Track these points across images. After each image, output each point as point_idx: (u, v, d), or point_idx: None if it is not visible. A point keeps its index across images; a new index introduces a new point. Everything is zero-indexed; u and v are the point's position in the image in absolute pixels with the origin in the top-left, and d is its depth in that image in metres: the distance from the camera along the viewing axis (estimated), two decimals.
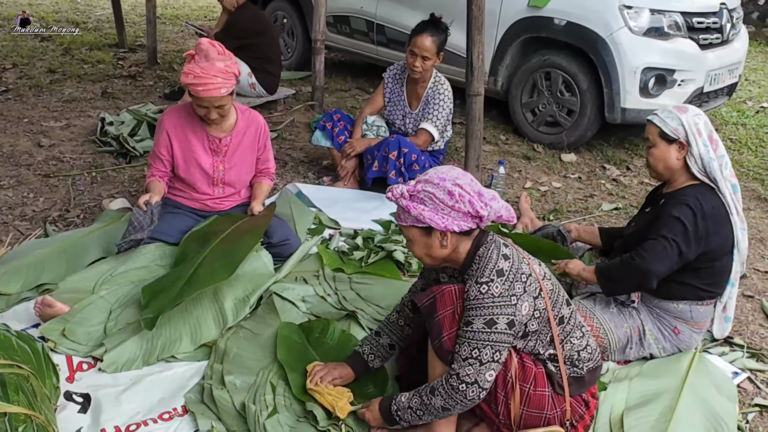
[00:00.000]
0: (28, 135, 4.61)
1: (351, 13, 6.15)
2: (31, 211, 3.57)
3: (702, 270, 2.53)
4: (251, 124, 3.19)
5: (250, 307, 2.76)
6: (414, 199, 1.99)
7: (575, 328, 2.12)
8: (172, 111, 3.15)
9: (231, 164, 3.15)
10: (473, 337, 1.93)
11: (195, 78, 2.81)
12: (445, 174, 1.99)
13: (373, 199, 3.94)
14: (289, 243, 3.18)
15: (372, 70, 6.68)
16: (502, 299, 1.93)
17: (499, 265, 1.97)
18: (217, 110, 2.93)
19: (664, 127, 2.52)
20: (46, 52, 6.84)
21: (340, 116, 4.17)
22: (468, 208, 1.95)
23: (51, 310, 2.58)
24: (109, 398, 2.29)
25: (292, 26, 6.80)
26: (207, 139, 3.10)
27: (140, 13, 8.95)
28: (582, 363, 2.11)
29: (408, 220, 2.01)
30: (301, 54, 6.81)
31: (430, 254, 2.06)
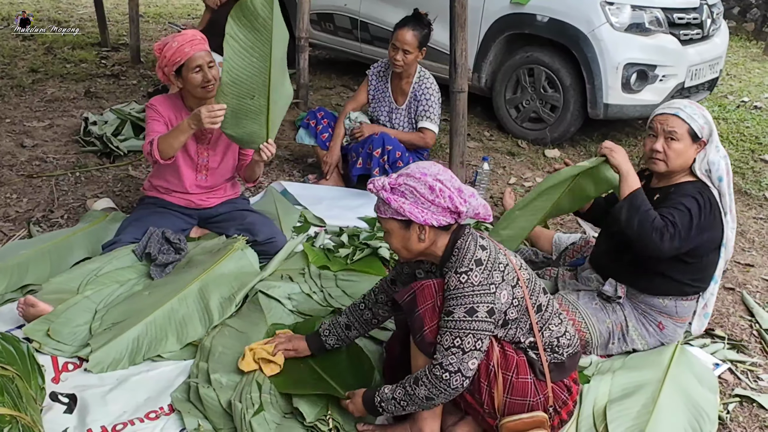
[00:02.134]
0: (11, 135, 4.58)
1: (335, 10, 6.15)
2: (14, 212, 3.55)
3: (690, 265, 2.54)
4: None
5: (235, 305, 2.77)
6: (395, 192, 2.01)
7: (553, 315, 2.16)
8: (159, 97, 3.15)
9: (215, 151, 3.18)
10: (455, 327, 1.96)
11: (178, 41, 2.89)
12: (427, 169, 2.02)
13: (358, 196, 3.95)
14: (274, 241, 3.18)
15: (356, 67, 6.69)
16: (481, 288, 1.97)
17: (477, 254, 2.00)
18: (210, 69, 2.95)
19: (693, 124, 2.47)
20: (28, 51, 6.79)
21: (323, 114, 4.17)
22: (447, 204, 1.98)
23: (34, 310, 2.57)
24: (95, 398, 2.29)
25: None
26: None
27: (123, 11, 8.90)
28: (562, 349, 2.15)
29: (387, 212, 2.04)
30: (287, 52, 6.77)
31: (407, 247, 2.08)
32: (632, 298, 2.66)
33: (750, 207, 4.31)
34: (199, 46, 2.92)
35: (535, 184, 4.43)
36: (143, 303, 2.72)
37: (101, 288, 2.79)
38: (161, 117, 3.06)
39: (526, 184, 4.41)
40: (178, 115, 3.09)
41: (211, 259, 2.99)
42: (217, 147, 3.18)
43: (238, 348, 2.51)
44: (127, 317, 2.63)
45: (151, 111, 3.08)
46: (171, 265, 2.98)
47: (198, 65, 2.92)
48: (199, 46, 2.92)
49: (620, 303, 2.65)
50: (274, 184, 4.04)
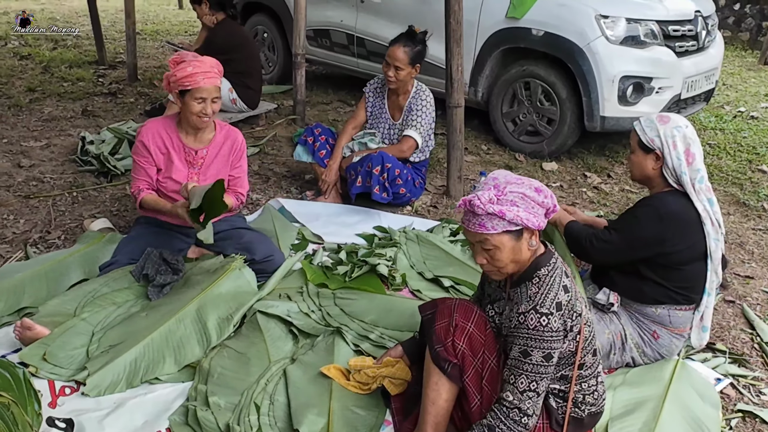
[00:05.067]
0: (8, 155, 4.58)
1: (331, 26, 6.18)
2: (11, 234, 3.54)
3: (672, 272, 2.56)
4: (228, 139, 3.20)
5: (234, 325, 2.75)
6: (504, 203, 1.92)
7: (592, 376, 2.10)
8: (150, 122, 3.16)
9: (206, 176, 3.16)
10: (532, 370, 1.92)
11: (195, 68, 2.89)
12: (510, 174, 1.99)
13: (356, 213, 3.94)
14: (272, 259, 3.17)
15: (353, 82, 6.71)
16: (557, 334, 1.92)
17: (560, 297, 1.94)
18: (213, 104, 2.97)
19: (643, 136, 2.57)
20: (26, 70, 6.81)
21: (321, 130, 4.17)
22: (550, 203, 1.96)
23: (31, 333, 2.55)
24: (92, 422, 2.27)
25: (272, 40, 6.82)
26: (184, 151, 3.12)
27: (119, 29, 8.94)
28: (585, 406, 2.11)
29: (498, 226, 1.92)
30: (283, 68, 6.82)
31: (517, 259, 1.99)
32: (626, 307, 2.67)
33: (748, 218, 4.31)
34: (212, 80, 2.92)
35: None
36: (140, 325, 2.70)
37: (98, 310, 2.78)
38: (148, 155, 3.06)
39: None
40: (168, 140, 3.10)
41: (208, 279, 2.97)
42: (207, 172, 3.16)
43: (237, 369, 2.50)
44: (124, 339, 2.62)
45: (139, 147, 3.08)
46: (168, 285, 2.97)
47: (202, 97, 2.93)
48: (212, 80, 2.92)
49: (616, 312, 2.66)
50: (271, 201, 4.03)
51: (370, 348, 2.66)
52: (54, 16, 9.81)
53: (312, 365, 2.52)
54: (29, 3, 10.87)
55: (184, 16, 10.75)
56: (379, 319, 2.83)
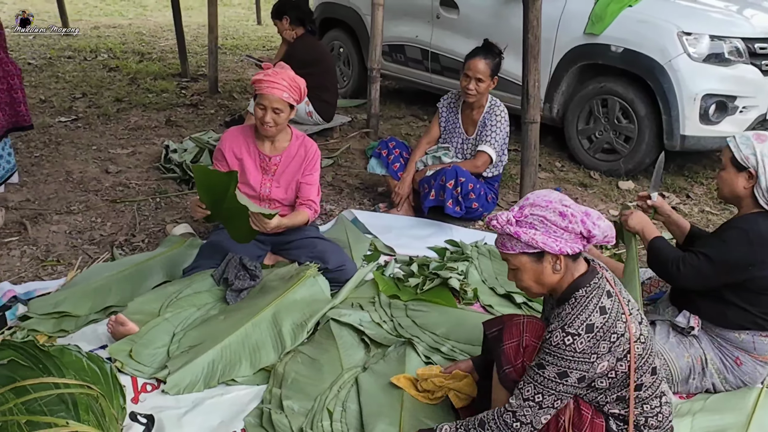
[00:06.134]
0: (97, 162, 4.81)
1: (406, 42, 6.24)
2: (99, 236, 3.72)
3: (758, 297, 2.46)
4: (302, 149, 3.27)
5: (307, 332, 2.81)
6: (522, 225, 1.93)
7: (653, 397, 2.02)
8: (231, 129, 3.33)
9: (279, 183, 3.25)
10: (541, 382, 1.90)
11: (266, 76, 3.01)
12: (548, 196, 1.95)
13: (428, 226, 3.96)
14: (345, 269, 3.22)
15: (425, 97, 6.75)
16: (582, 356, 1.86)
17: (592, 318, 1.88)
18: (273, 115, 3.05)
19: (737, 152, 2.46)
20: (114, 81, 7.14)
21: (395, 144, 4.22)
22: (580, 228, 1.90)
23: (123, 328, 2.68)
24: (172, 420, 2.35)
25: (348, 55, 6.94)
26: (259, 157, 3.23)
27: (202, 43, 9.27)
28: (648, 429, 2.04)
29: (516, 247, 1.95)
30: (357, 82, 6.94)
31: (540, 281, 2.00)
32: (708, 331, 2.58)
33: None
34: (275, 90, 3.00)
35: (608, 216, 4.34)
36: (219, 327, 2.79)
37: (180, 311, 2.88)
38: (223, 160, 3.23)
39: None
40: (245, 146, 3.23)
41: (283, 285, 3.05)
42: (281, 179, 3.25)
43: (311, 374, 2.54)
44: (203, 341, 2.71)
45: (217, 152, 3.27)
46: (246, 290, 3.05)
47: (263, 104, 3.03)
48: (275, 90, 3.00)
49: (696, 336, 2.57)
50: (344, 212, 4.10)
51: (440, 360, 2.67)
52: (141, 31, 10.25)
53: (383, 374, 2.55)
54: (118, 19, 11.41)
55: (262, 32, 11.05)
56: (450, 332, 2.83)
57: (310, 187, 3.26)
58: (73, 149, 5.01)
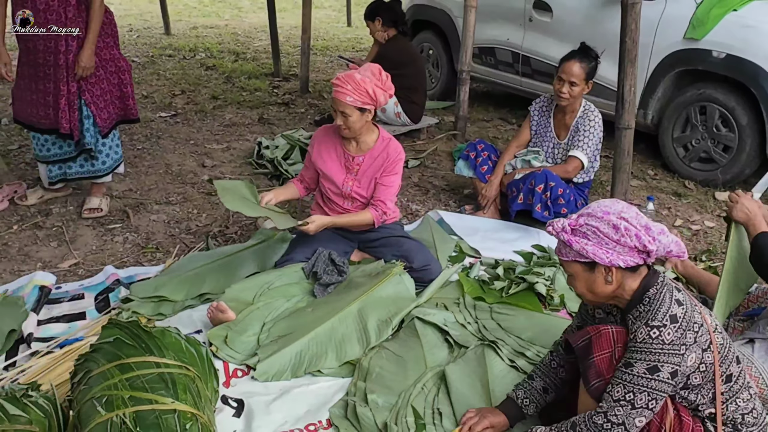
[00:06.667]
0: (194, 156, 5.02)
1: (497, 44, 6.21)
2: (195, 226, 3.88)
3: None
4: (386, 150, 3.29)
5: (392, 328, 2.84)
6: (576, 233, 1.95)
7: (743, 388, 1.98)
8: (324, 127, 3.45)
9: (359, 183, 3.30)
10: (631, 381, 1.86)
11: (337, 79, 3.10)
12: (609, 207, 1.94)
13: (515, 230, 3.93)
14: (429, 268, 3.24)
15: (514, 100, 6.69)
16: (671, 347, 1.84)
17: (673, 310, 1.88)
18: (342, 117, 3.12)
19: None
20: (210, 80, 7.41)
21: (483, 146, 4.21)
22: (635, 243, 1.89)
23: (222, 315, 2.80)
24: (260, 405, 2.44)
25: (437, 57, 6.96)
26: (343, 156, 3.30)
27: (294, 44, 9.49)
28: (746, 428, 1.97)
29: (570, 254, 1.98)
30: (445, 84, 6.95)
31: (593, 291, 2.00)
32: None
33: None
34: (341, 95, 3.06)
35: (703, 227, 4.19)
36: (307, 319, 2.86)
37: (271, 301, 2.98)
38: (313, 142, 3.39)
39: (693, 228, 4.18)
40: (330, 139, 3.34)
41: (369, 282, 3.10)
42: (362, 178, 3.31)
43: (395, 370, 2.58)
44: (291, 331, 2.79)
45: (310, 147, 3.41)
46: (333, 285, 3.12)
47: (335, 108, 3.13)
48: (341, 95, 3.06)
49: None
50: (430, 213, 4.12)
51: (525, 365, 2.65)
52: (236, 32, 10.59)
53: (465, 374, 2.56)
54: (215, 20, 11.83)
55: (352, 34, 11.21)
56: (536, 337, 2.81)
57: (384, 189, 3.27)
58: (173, 143, 5.25)
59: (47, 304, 3.01)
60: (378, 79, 3.13)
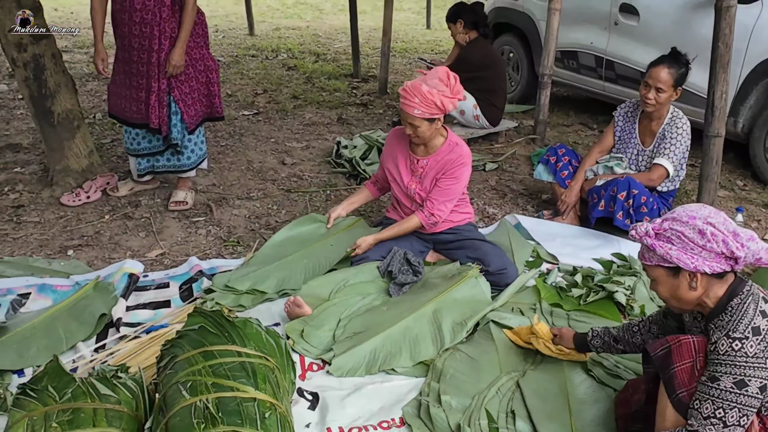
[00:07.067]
0: (274, 153, 5.14)
1: (580, 48, 6.09)
2: (274, 221, 3.98)
3: None
4: (451, 154, 3.25)
5: (467, 331, 2.83)
6: (660, 238, 1.93)
7: None
8: (395, 129, 3.49)
9: (422, 186, 3.30)
10: (719, 396, 1.80)
11: (403, 91, 3.11)
12: (695, 212, 1.90)
13: (595, 237, 3.85)
14: (506, 272, 3.22)
15: (595, 105, 6.55)
16: (756, 360, 1.79)
17: (756, 321, 1.82)
18: (411, 127, 3.14)
19: None
20: (291, 80, 7.57)
21: (564, 151, 4.14)
22: (721, 249, 1.84)
23: (299, 310, 2.87)
24: (335, 400, 2.48)
25: (518, 60, 6.89)
26: (410, 158, 3.33)
27: (373, 46, 9.58)
28: None
29: (653, 259, 1.95)
30: (525, 88, 6.87)
31: (677, 296, 1.97)
32: None
33: None
34: (408, 107, 3.06)
35: None
36: (382, 317, 2.89)
37: (346, 298, 3.02)
38: (386, 143, 3.47)
39: None
40: (401, 146, 3.37)
41: (445, 283, 3.10)
42: (425, 181, 3.30)
43: (469, 372, 2.57)
44: (366, 329, 2.82)
45: (384, 148, 3.49)
46: (408, 285, 3.14)
47: (403, 118, 3.15)
48: (408, 107, 3.06)
49: None
50: (508, 216, 4.08)
51: (602, 374, 2.59)
52: (317, 33, 10.78)
53: (544, 379, 2.53)
54: (297, 21, 12.07)
55: (431, 36, 11.22)
56: None
57: (438, 191, 3.25)
58: (254, 141, 5.39)
59: (135, 291, 3.15)
60: (446, 85, 3.09)
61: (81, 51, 8.43)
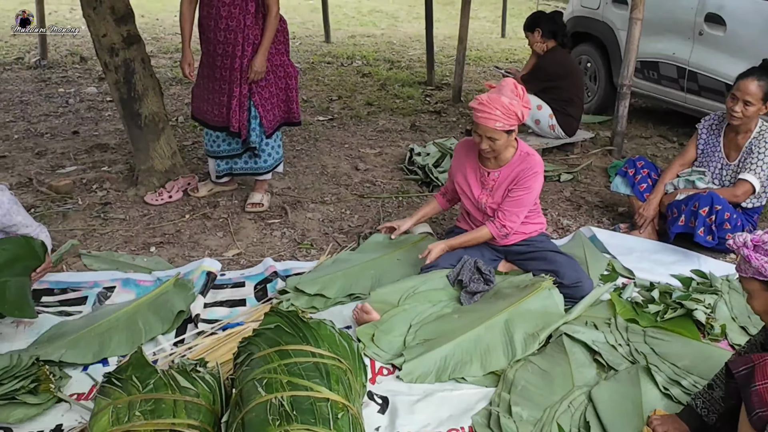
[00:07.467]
0: (348, 159, 5.21)
1: (661, 58, 5.93)
2: (347, 226, 4.03)
3: None
4: (523, 164, 3.20)
5: (539, 343, 2.80)
6: (758, 250, 1.90)
7: None
8: (464, 140, 3.44)
9: (493, 198, 3.27)
10: None
11: (479, 104, 3.03)
12: None
13: (673, 252, 3.73)
14: (581, 285, 3.16)
15: (676, 117, 6.37)
16: None
17: None
18: (489, 142, 3.07)
19: None
20: (366, 86, 7.66)
21: (643, 163, 4.04)
22: None
23: (367, 316, 2.90)
24: (405, 405, 2.49)
25: (595, 70, 6.76)
26: (479, 171, 3.29)
27: (447, 54, 9.59)
28: None
29: (748, 271, 1.93)
30: (602, 98, 6.74)
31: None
32: None
33: None
34: (487, 121, 2.99)
35: None
36: (453, 325, 2.89)
37: (416, 305, 3.03)
38: (455, 155, 3.42)
39: None
40: (469, 152, 3.34)
41: (517, 294, 3.07)
42: (496, 193, 3.27)
43: (541, 385, 2.54)
44: (437, 336, 2.82)
45: (453, 160, 3.42)
46: (479, 294, 3.12)
47: (479, 133, 3.08)
48: (487, 121, 2.99)
49: None
50: (582, 228, 4.01)
51: (680, 394, 2.51)
52: (392, 41, 10.86)
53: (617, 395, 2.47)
54: (372, 29, 12.19)
55: (506, 44, 11.14)
56: (693, 366, 2.66)
57: (510, 202, 3.20)
58: (329, 146, 5.48)
59: (212, 289, 3.25)
60: (520, 96, 3.05)
61: (165, 56, 8.76)
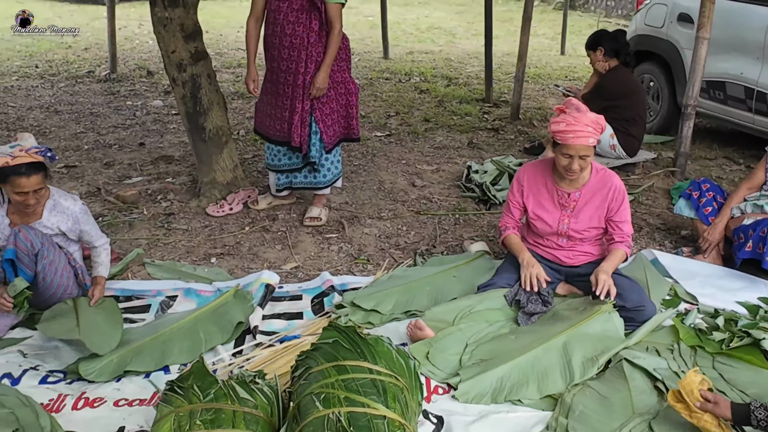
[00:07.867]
0: (405, 175, 5.22)
1: (728, 78, 5.78)
2: (403, 242, 4.04)
3: None
4: (605, 183, 3.20)
5: (598, 367, 2.75)
6: None
7: None
8: (528, 165, 3.39)
9: (577, 219, 3.22)
10: None
11: (567, 125, 2.97)
12: None
13: (739, 279, 3.61)
14: (643, 309, 3.09)
15: (743, 139, 6.18)
16: None
17: None
18: (580, 161, 3.03)
19: None
20: (423, 103, 7.68)
21: (708, 186, 3.94)
22: None
23: (421, 333, 2.90)
24: (460, 425, 2.47)
25: (658, 89, 6.63)
26: (557, 193, 3.23)
27: (505, 71, 9.54)
28: None
29: None
30: (665, 118, 6.59)
31: None
32: None
33: None
34: (582, 140, 2.94)
35: None
36: (509, 346, 2.86)
37: (472, 324, 3.02)
38: (519, 196, 3.32)
39: None
40: (540, 177, 3.28)
41: (576, 316, 3.03)
42: (580, 215, 3.22)
43: (600, 411, 2.49)
44: (493, 356, 2.80)
45: (513, 186, 3.35)
46: (537, 315, 3.09)
47: (570, 154, 3.02)
48: (582, 140, 2.94)
49: None
50: (644, 251, 3.92)
51: None
52: (449, 57, 10.86)
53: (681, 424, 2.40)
54: (431, 45, 12.24)
55: (565, 62, 11.02)
56: (763, 394, 2.57)
57: (625, 224, 3.22)
58: (386, 162, 5.51)
59: (271, 301, 3.30)
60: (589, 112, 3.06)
61: (228, 71, 8.97)
